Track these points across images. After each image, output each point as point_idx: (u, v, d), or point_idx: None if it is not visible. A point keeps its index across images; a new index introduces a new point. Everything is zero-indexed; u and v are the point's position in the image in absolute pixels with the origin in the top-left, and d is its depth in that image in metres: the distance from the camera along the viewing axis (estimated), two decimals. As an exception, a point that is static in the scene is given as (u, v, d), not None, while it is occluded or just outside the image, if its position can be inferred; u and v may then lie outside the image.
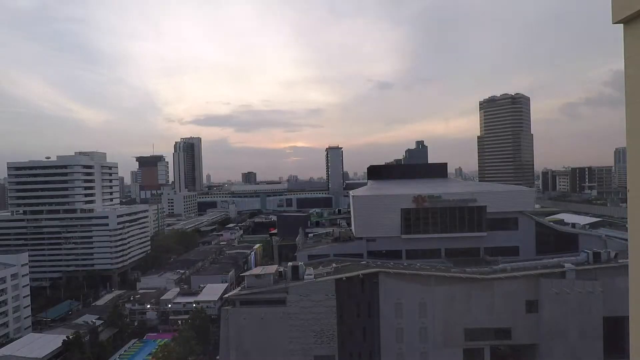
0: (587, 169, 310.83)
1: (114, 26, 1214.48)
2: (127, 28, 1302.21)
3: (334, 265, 55.00)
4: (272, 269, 55.68)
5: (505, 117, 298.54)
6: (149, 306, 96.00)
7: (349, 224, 76.09)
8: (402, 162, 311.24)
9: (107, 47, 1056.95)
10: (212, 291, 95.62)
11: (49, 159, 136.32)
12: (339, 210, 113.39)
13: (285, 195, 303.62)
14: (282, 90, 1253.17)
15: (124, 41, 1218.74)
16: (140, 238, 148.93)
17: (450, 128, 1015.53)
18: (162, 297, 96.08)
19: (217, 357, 56.13)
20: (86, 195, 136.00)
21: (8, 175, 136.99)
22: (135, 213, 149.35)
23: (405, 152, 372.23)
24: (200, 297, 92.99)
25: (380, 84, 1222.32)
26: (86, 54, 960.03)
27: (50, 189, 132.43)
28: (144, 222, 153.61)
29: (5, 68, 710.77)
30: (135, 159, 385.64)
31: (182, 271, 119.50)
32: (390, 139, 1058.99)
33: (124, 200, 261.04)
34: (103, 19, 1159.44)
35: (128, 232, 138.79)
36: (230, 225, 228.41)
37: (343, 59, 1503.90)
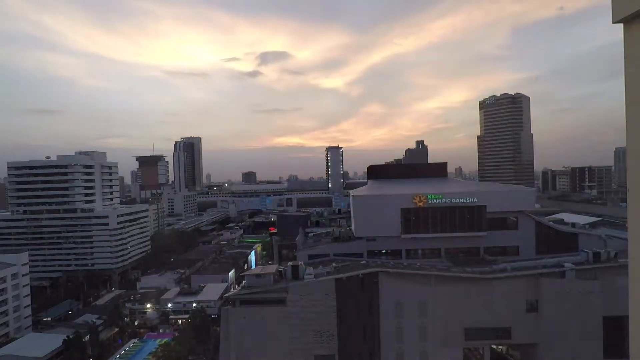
0: (587, 169, 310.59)
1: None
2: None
3: (334, 264, 54.98)
4: (272, 268, 55.78)
5: (505, 117, 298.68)
6: (149, 306, 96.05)
7: (349, 224, 76.07)
8: (402, 162, 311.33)
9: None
10: (212, 291, 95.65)
11: (49, 159, 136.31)
12: (339, 210, 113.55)
13: (285, 195, 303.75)
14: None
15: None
16: (140, 238, 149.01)
17: (450, 127, 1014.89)
18: (162, 297, 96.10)
19: (217, 357, 56.15)
20: (86, 195, 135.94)
21: (8, 174, 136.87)
22: (135, 213, 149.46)
23: (405, 152, 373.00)
24: (200, 297, 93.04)
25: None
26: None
27: (50, 188, 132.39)
28: (144, 222, 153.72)
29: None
30: (135, 158, 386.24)
31: (182, 271, 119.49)
32: (391, 139, 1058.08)
33: (124, 200, 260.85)
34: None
35: (128, 231, 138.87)
36: (230, 224, 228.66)
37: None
